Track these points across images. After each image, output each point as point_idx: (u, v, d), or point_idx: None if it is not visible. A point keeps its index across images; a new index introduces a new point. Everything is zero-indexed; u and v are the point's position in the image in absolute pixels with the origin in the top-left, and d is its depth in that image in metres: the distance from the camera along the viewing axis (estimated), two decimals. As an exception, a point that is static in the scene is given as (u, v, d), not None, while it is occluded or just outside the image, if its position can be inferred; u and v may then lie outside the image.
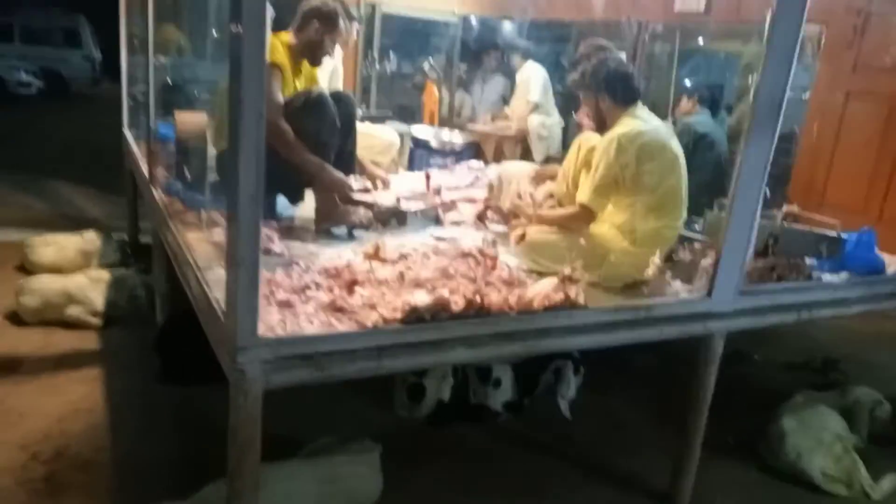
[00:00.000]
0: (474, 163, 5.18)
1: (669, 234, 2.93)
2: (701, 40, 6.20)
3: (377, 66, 5.85)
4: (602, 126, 2.96)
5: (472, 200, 3.82)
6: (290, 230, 3.10)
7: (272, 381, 1.73)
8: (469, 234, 3.37)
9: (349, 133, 3.42)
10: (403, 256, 2.42)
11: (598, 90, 2.90)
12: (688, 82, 4.98)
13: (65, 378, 3.29)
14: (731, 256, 2.53)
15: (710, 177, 3.92)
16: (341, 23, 3.21)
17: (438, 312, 1.97)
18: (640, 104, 2.93)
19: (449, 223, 3.61)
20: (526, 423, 3.29)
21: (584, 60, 3.19)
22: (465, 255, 2.47)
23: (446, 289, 2.08)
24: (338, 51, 4.62)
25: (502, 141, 5.83)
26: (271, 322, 1.86)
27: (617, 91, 2.88)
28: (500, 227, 3.55)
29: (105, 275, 4.01)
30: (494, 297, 2.07)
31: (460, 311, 2.00)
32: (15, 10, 16.75)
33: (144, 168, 3.76)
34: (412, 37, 6.45)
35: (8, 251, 4.72)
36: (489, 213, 3.71)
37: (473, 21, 6.37)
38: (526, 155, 5.71)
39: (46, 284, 3.78)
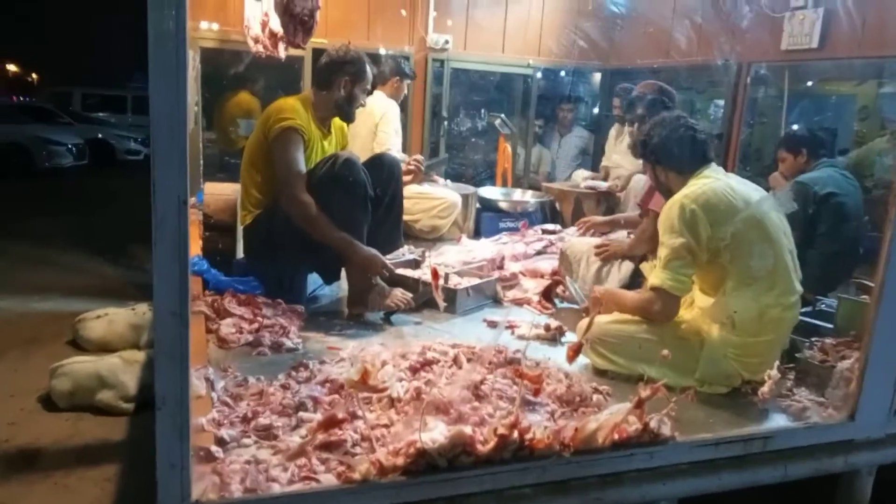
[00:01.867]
0: (549, 225, 4.68)
1: (780, 314, 2.18)
2: (809, 83, 5.46)
3: (445, 125, 5.46)
4: (668, 195, 2.37)
5: (538, 274, 3.26)
6: (316, 316, 2.66)
7: (213, 564, 1.24)
8: (529, 317, 2.79)
9: (394, 199, 2.99)
10: (427, 364, 1.90)
11: (657, 160, 2.38)
12: (794, 129, 4.20)
13: (78, 477, 2.95)
14: (882, 363, 1.84)
15: (842, 246, 3.13)
16: (367, 68, 2.86)
17: (458, 456, 1.42)
18: (712, 166, 2.34)
19: (510, 301, 3.06)
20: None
21: (639, 103, 2.67)
22: (509, 362, 1.91)
23: (473, 420, 1.53)
24: (382, 103, 4.22)
25: (582, 199, 5.25)
26: (229, 471, 1.38)
27: (678, 161, 2.34)
28: (572, 305, 2.97)
29: (141, 355, 3.72)
30: (540, 432, 1.50)
31: (489, 453, 1.44)
32: (129, 83, 18.12)
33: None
34: (484, 91, 6.04)
35: (65, 323, 4.60)
36: (559, 290, 3.14)
37: (550, 72, 5.90)
38: (610, 213, 5.08)
39: (78, 367, 3.51)
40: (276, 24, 2.73)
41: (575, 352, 2.05)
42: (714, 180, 2.25)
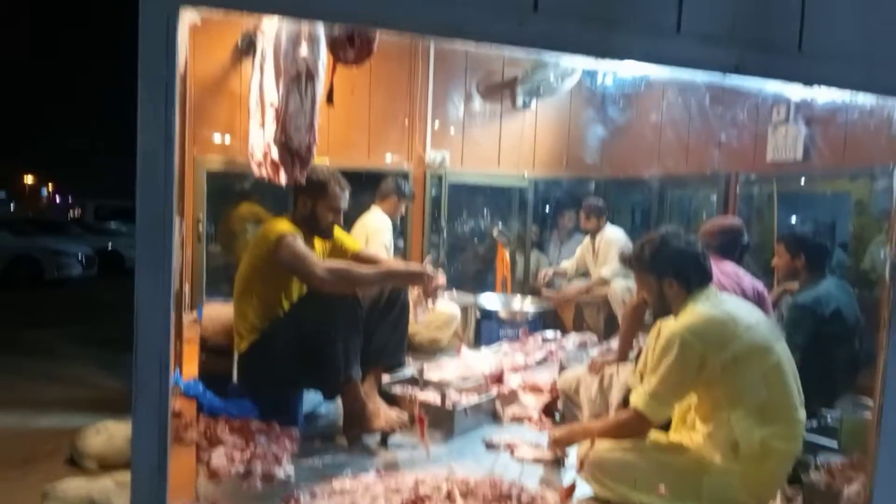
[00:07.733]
0: (549, 333, 4.65)
1: (783, 446, 2.14)
2: (801, 181, 5.60)
3: (444, 237, 5.58)
4: (665, 311, 2.36)
5: (537, 389, 3.22)
6: (312, 440, 2.62)
7: None
8: (531, 437, 2.74)
9: (400, 317, 2.97)
10: (420, 500, 1.84)
11: (664, 273, 2.33)
12: (797, 230, 4.04)
13: None
14: (890, 487, 1.78)
15: (845, 357, 3.08)
16: (332, 188, 2.85)
17: None
18: (711, 287, 2.33)
19: (509, 419, 3.01)
20: None
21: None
22: (506, 497, 1.85)
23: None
24: (377, 218, 4.41)
25: (583, 307, 5.27)
26: None
27: (687, 274, 2.30)
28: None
29: (134, 478, 3.63)
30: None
31: None
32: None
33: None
34: (481, 204, 6.21)
35: (64, 439, 4.51)
36: (559, 404, 3.09)
37: (545, 183, 6.08)
38: (611, 322, 5.08)
39: (71, 490, 3.43)
40: (276, 155, 2.85)
41: (569, 494, 1.99)
42: (713, 307, 2.23)
